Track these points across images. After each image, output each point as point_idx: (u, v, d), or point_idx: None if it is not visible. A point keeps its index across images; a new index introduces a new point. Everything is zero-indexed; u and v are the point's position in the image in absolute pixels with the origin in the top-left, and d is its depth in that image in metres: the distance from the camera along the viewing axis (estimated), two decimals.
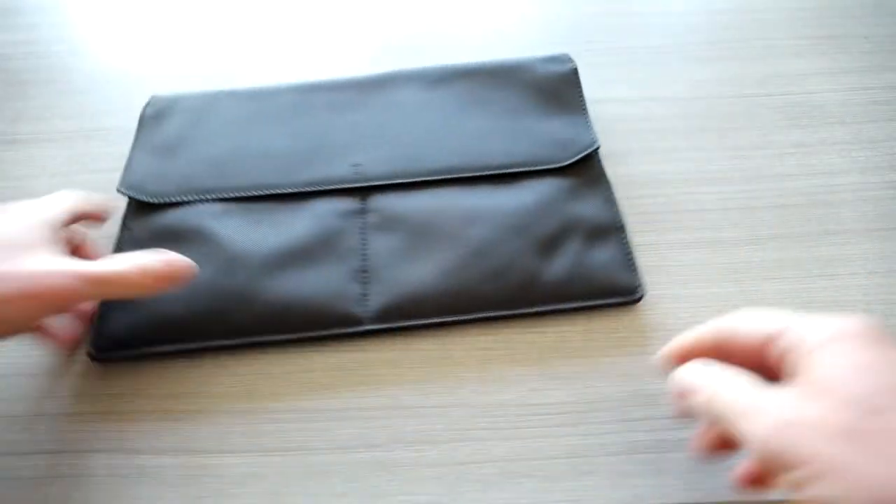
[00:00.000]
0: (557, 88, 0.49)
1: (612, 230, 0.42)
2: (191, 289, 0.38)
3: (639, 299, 0.39)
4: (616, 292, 0.39)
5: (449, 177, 0.44)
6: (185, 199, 0.43)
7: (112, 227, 0.43)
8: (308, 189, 0.44)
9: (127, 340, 0.38)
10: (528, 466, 0.34)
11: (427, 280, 0.39)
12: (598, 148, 0.45)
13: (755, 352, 0.27)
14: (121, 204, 0.44)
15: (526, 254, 0.40)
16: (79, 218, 0.39)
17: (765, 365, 0.27)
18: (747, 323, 0.28)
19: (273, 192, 0.44)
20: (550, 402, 0.36)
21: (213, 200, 0.43)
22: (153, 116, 0.49)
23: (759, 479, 0.29)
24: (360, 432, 0.36)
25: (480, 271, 0.39)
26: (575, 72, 0.50)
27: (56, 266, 0.32)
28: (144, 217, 0.43)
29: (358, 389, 0.37)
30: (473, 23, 0.61)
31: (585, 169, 0.45)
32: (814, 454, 0.22)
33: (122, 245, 0.43)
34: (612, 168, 0.46)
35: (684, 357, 0.30)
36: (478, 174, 0.44)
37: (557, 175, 0.44)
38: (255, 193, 0.44)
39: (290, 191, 0.44)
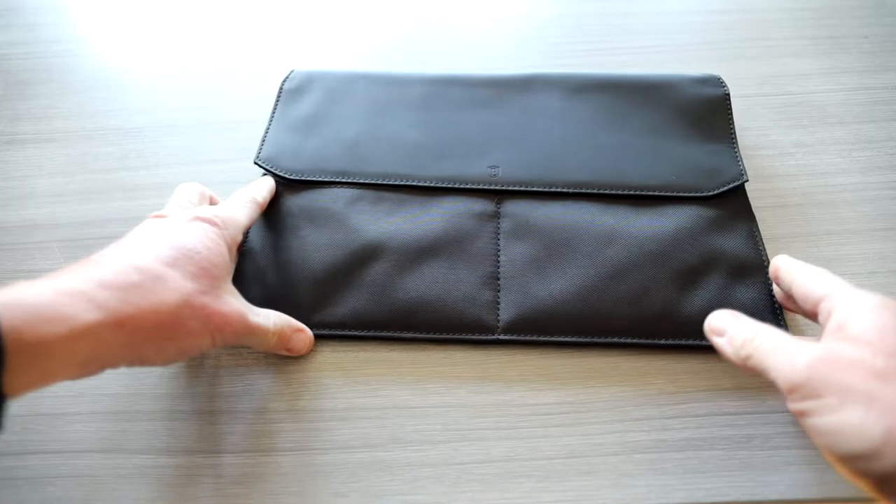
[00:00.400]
0: (706, 112, 0.47)
1: (756, 269, 0.39)
2: (325, 274, 0.40)
3: None
4: None
5: (586, 191, 0.43)
6: (318, 178, 0.44)
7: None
8: (442, 185, 0.43)
9: None
10: (527, 466, 0.34)
11: (562, 296, 0.38)
12: (746, 181, 0.43)
13: (812, 307, 0.31)
14: (254, 176, 0.45)
15: (664, 283, 0.38)
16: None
17: (816, 315, 0.31)
18: (809, 279, 0.32)
19: (407, 182, 0.44)
20: (550, 402, 0.36)
21: (346, 185, 0.44)
22: (292, 91, 0.50)
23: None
24: (360, 432, 0.36)
25: (618, 295, 0.38)
26: (727, 97, 0.48)
27: (235, 308, 0.33)
28: (278, 192, 0.44)
29: (358, 389, 0.37)
30: (473, 23, 0.61)
31: (730, 201, 0.42)
32: (847, 385, 0.26)
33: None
34: None
35: (776, 277, 0.35)
36: (616, 192, 0.43)
37: (699, 204, 0.42)
38: (389, 182, 0.44)
39: (424, 184, 0.43)
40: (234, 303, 0.34)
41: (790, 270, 0.34)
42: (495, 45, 0.58)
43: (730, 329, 0.32)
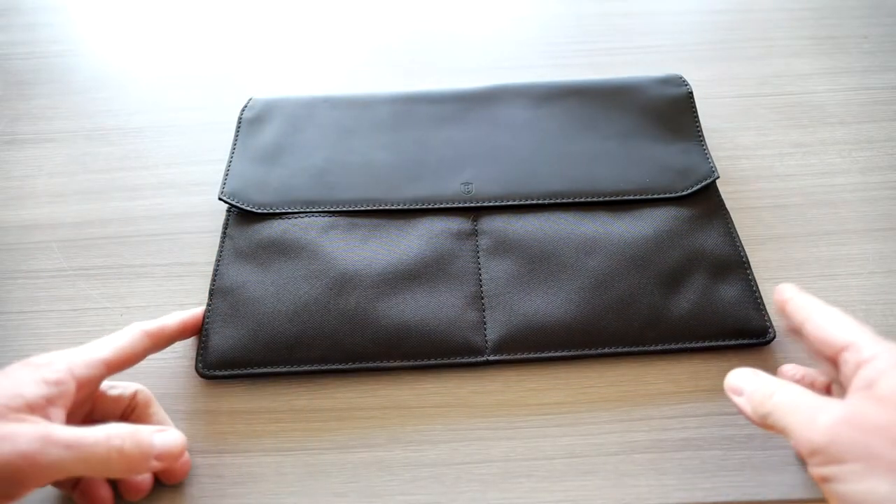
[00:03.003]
0: (672, 112, 0.47)
1: (735, 265, 0.40)
2: (302, 307, 0.38)
3: (770, 341, 0.37)
4: (746, 333, 0.37)
5: (562, 201, 0.42)
6: (287, 210, 0.42)
7: (213, 237, 0.43)
8: (416, 206, 0.42)
9: (237, 359, 0.37)
10: (527, 466, 0.34)
11: (548, 311, 0.38)
12: (717, 178, 0.43)
13: (831, 354, 0.29)
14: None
15: (649, 288, 0.38)
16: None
17: (834, 362, 0.29)
18: (829, 323, 0.29)
19: (380, 207, 0.42)
20: (550, 402, 0.36)
21: (318, 213, 0.42)
22: (252, 121, 0.48)
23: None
24: (360, 432, 0.36)
25: (604, 305, 0.38)
26: (690, 95, 0.48)
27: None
28: (246, 226, 0.42)
29: (358, 390, 0.37)
30: (472, 23, 0.61)
31: (703, 199, 0.43)
32: (874, 452, 0.24)
33: (223, 255, 0.41)
34: None
35: (782, 308, 0.33)
36: (592, 200, 0.42)
37: (675, 204, 0.42)
38: (362, 208, 0.42)
39: (398, 207, 0.42)
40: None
41: (803, 309, 0.31)
42: (496, 47, 0.58)
43: (748, 387, 0.30)
